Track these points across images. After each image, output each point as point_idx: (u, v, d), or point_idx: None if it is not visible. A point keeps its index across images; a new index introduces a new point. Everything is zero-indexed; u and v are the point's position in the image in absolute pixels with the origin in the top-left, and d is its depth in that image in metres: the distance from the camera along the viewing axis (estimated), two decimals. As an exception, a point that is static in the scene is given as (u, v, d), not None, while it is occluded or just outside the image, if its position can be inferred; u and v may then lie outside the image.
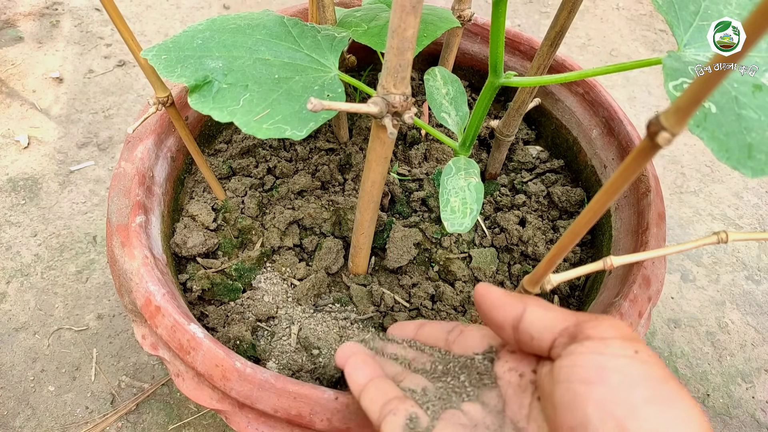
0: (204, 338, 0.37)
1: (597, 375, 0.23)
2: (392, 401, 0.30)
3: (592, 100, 0.58)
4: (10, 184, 0.82)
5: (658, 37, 1.20)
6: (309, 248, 0.54)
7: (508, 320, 0.29)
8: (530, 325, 0.28)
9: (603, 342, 0.25)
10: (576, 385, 0.24)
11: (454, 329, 0.36)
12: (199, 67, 0.36)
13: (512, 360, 0.31)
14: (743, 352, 0.75)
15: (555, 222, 0.57)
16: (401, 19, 0.27)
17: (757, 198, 0.92)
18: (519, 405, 0.28)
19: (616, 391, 0.23)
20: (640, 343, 0.24)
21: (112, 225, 0.44)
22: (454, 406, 0.30)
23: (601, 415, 0.22)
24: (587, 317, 0.27)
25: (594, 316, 0.27)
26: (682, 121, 0.18)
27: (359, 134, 0.62)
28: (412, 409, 0.29)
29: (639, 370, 0.23)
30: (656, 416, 0.22)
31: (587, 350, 0.25)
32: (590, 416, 0.22)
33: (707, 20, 0.33)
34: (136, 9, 1.12)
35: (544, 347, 0.28)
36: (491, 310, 0.30)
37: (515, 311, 0.29)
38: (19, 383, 0.65)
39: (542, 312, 0.28)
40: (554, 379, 0.25)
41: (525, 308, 0.29)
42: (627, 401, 0.22)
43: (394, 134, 0.31)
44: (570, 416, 0.23)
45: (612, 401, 0.22)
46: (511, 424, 0.28)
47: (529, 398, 0.28)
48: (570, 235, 0.27)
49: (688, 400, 0.22)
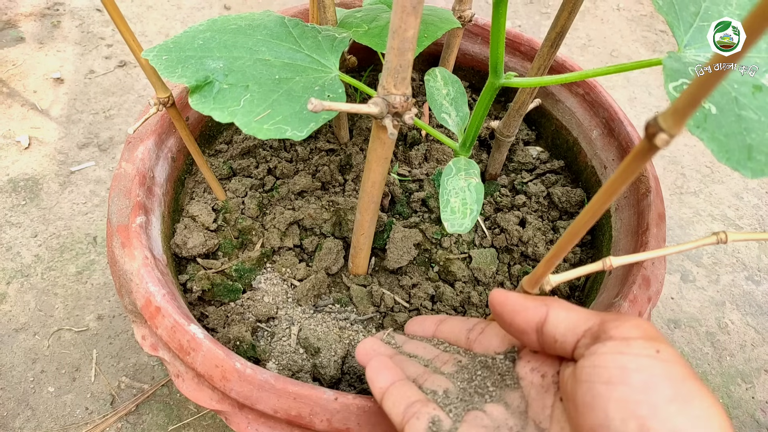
0: (204, 339, 0.37)
1: (618, 375, 0.23)
2: (414, 404, 0.30)
3: (593, 101, 0.58)
4: (11, 185, 0.82)
5: (658, 38, 1.20)
6: (309, 249, 0.54)
7: (532, 325, 0.29)
8: (554, 328, 0.28)
9: (625, 342, 0.24)
10: (597, 386, 0.24)
11: (474, 327, 0.36)
12: (200, 68, 0.36)
13: (535, 360, 0.31)
14: (743, 352, 0.75)
15: (555, 222, 0.57)
16: (402, 20, 0.27)
17: (757, 198, 0.92)
18: (542, 406, 0.28)
19: (638, 391, 0.22)
20: (662, 342, 0.24)
21: (113, 225, 0.44)
22: (477, 407, 0.30)
23: (622, 415, 0.22)
24: (610, 317, 0.26)
25: (617, 315, 0.26)
26: (680, 122, 0.18)
27: (360, 135, 0.62)
28: (435, 412, 0.29)
29: (660, 370, 0.23)
30: (678, 416, 0.22)
31: (609, 350, 0.24)
32: (611, 417, 0.22)
33: (707, 21, 0.33)
34: (137, 9, 1.12)
35: (567, 349, 0.27)
36: (513, 316, 0.29)
37: (538, 315, 0.29)
38: (18, 384, 0.65)
39: (565, 314, 0.28)
40: (576, 380, 0.25)
41: (548, 311, 0.28)
42: (648, 401, 0.22)
43: (394, 135, 0.31)
44: (591, 416, 0.23)
45: (633, 401, 0.22)
46: (534, 425, 0.28)
47: (552, 399, 0.28)
48: (569, 236, 0.27)
49: (710, 399, 0.22)
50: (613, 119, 0.55)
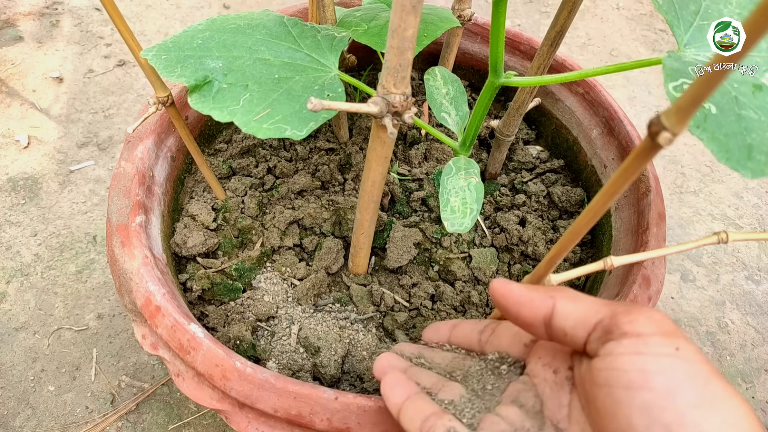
0: (204, 338, 0.37)
1: (639, 379, 0.22)
2: (430, 418, 0.30)
3: (592, 100, 0.58)
4: (10, 184, 0.82)
5: (658, 37, 1.20)
6: (309, 248, 0.54)
7: (539, 318, 0.28)
8: (563, 321, 0.27)
9: (642, 340, 0.23)
10: (617, 391, 0.23)
11: (485, 329, 0.35)
12: (199, 67, 0.36)
13: (546, 355, 0.30)
14: (743, 352, 0.75)
15: (555, 222, 0.57)
16: (401, 19, 0.27)
17: (757, 198, 0.92)
18: (558, 404, 0.28)
19: (661, 396, 0.22)
20: (680, 338, 0.23)
21: (112, 225, 0.44)
22: (492, 411, 0.30)
23: (647, 422, 0.21)
24: (621, 308, 0.25)
25: (628, 306, 0.25)
26: (684, 121, 0.18)
27: (359, 134, 0.62)
28: (450, 423, 0.29)
29: (683, 371, 0.22)
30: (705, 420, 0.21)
31: (626, 350, 0.23)
32: (635, 425, 0.22)
33: (707, 20, 0.33)
34: (136, 9, 1.12)
35: (578, 342, 0.26)
36: (517, 308, 0.29)
37: (545, 307, 0.27)
38: (19, 383, 0.65)
39: (573, 305, 0.27)
40: (594, 382, 0.24)
41: (554, 303, 0.27)
42: (673, 407, 0.21)
43: (394, 134, 0.31)
44: (614, 424, 0.23)
45: (657, 407, 0.21)
46: (552, 425, 0.27)
47: (568, 396, 0.27)
48: (570, 235, 0.27)
49: (736, 399, 0.22)
50: (613, 118, 0.55)
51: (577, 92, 0.59)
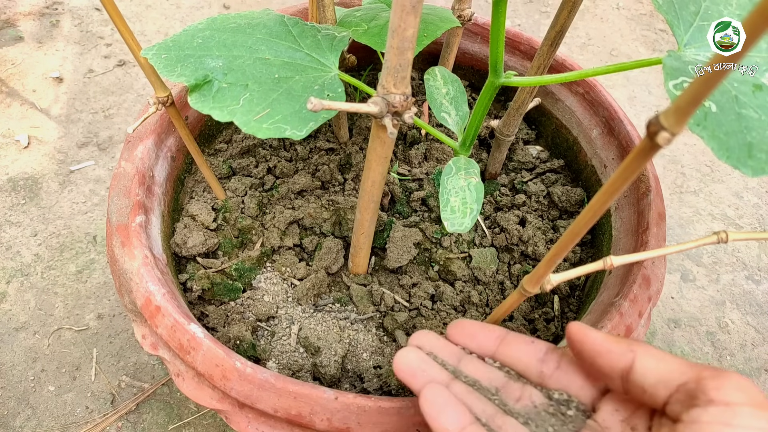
0: (204, 338, 0.37)
1: None
2: None
3: (592, 100, 0.58)
4: (10, 184, 0.82)
5: (658, 37, 1.20)
6: (309, 248, 0.54)
7: (616, 370, 0.27)
8: (642, 377, 0.26)
9: (730, 410, 0.22)
10: None
11: (547, 357, 0.32)
12: (199, 67, 0.36)
13: (624, 409, 0.28)
14: (743, 352, 0.75)
15: (555, 222, 0.57)
16: (401, 19, 0.27)
17: (757, 198, 0.92)
18: None
19: None
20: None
21: (112, 225, 0.44)
22: None
23: None
24: (708, 372, 0.24)
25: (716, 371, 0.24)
26: (682, 120, 0.18)
27: (359, 134, 0.62)
28: None
29: None
30: None
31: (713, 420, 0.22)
32: None
33: (707, 20, 0.33)
34: (136, 9, 1.12)
35: (658, 402, 0.25)
36: (594, 356, 0.27)
37: (624, 361, 0.26)
38: (19, 383, 0.65)
39: (655, 363, 0.26)
40: None
41: (634, 357, 0.26)
42: None
43: (394, 134, 0.31)
44: None
45: None
46: None
47: None
48: (570, 235, 0.27)
49: None
50: (613, 118, 0.55)
51: (577, 92, 0.59)
